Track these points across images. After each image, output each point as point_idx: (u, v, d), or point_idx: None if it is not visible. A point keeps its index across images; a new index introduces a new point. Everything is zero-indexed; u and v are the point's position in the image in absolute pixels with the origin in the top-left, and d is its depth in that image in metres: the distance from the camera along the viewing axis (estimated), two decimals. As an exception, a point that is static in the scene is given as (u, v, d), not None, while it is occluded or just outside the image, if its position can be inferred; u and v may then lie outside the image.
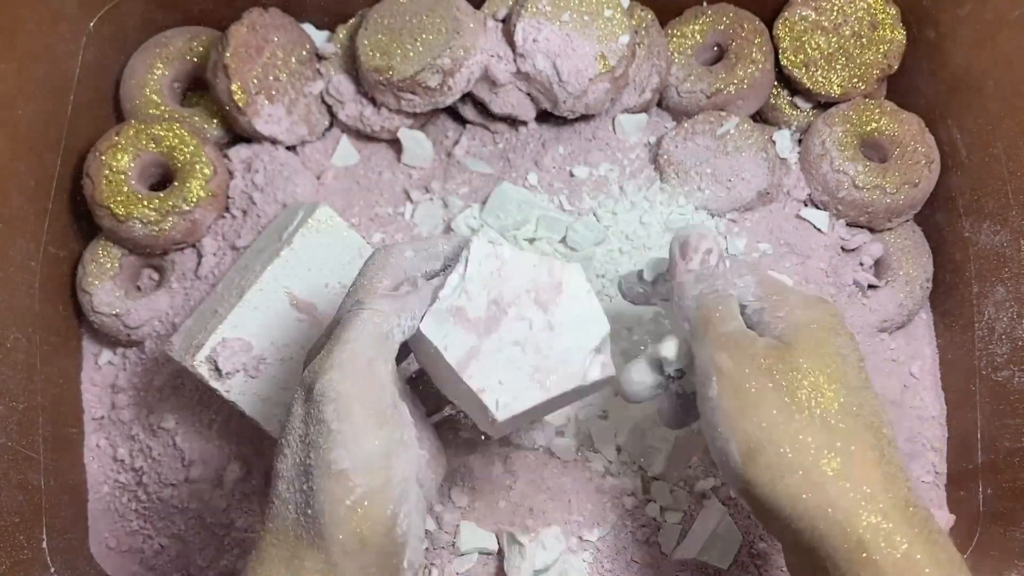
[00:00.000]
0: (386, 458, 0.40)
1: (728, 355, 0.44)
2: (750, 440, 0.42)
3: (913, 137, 0.67)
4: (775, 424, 0.42)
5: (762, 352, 0.44)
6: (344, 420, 0.39)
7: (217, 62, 0.64)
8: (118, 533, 0.65)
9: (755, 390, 0.43)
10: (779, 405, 0.42)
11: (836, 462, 0.41)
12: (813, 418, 0.42)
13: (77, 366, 0.67)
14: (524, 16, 0.63)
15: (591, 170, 0.66)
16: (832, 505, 0.40)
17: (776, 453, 0.41)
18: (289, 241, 0.58)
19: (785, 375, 0.43)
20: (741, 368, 0.43)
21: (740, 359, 0.44)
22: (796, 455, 0.41)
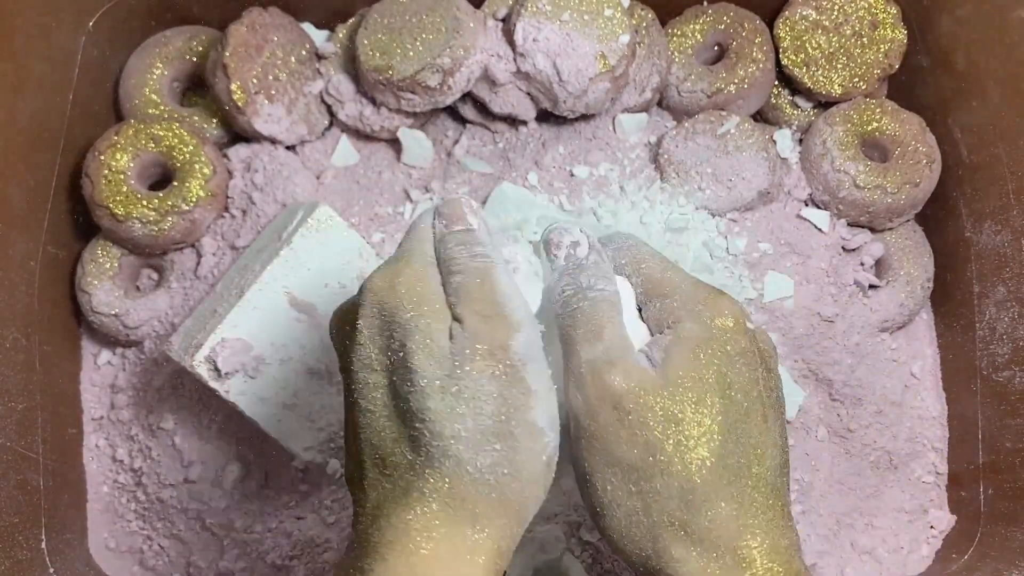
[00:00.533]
0: (557, 415, 0.39)
1: (581, 395, 0.39)
2: (596, 501, 0.39)
3: (914, 137, 0.67)
4: (622, 489, 0.39)
5: (621, 393, 0.38)
6: (540, 380, 0.38)
7: (217, 62, 0.64)
8: (117, 533, 0.65)
9: (610, 445, 0.38)
10: (631, 464, 0.38)
11: (685, 534, 0.38)
12: (670, 479, 0.38)
13: (76, 366, 0.67)
14: (524, 15, 0.62)
15: (591, 170, 0.66)
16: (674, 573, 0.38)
17: (624, 517, 0.39)
18: (288, 241, 0.58)
19: (645, 425, 0.38)
20: (594, 415, 0.39)
21: (595, 401, 0.39)
22: (643, 523, 0.39)
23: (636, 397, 0.38)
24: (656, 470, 0.38)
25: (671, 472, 0.38)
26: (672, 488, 0.38)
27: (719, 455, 0.38)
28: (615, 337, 0.40)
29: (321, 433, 0.60)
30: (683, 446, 0.38)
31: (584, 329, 0.40)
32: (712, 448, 0.38)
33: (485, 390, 0.37)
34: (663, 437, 0.38)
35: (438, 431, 0.37)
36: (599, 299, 0.41)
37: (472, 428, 0.37)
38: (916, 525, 0.67)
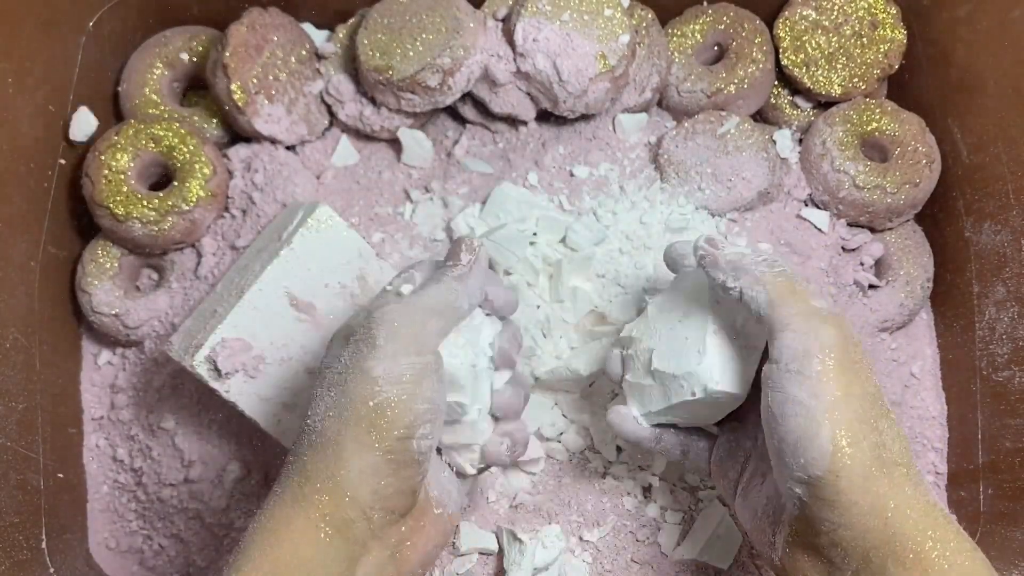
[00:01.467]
0: (416, 380, 0.43)
1: (837, 330, 0.43)
2: (850, 428, 0.42)
3: (914, 137, 0.67)
4: (877, 416, 0.42)
5: (855, 335, 0.44)
6: (390, 340, 0.43)
7: (217, 62, 0.64)
8: (117, 533, 0.65)
9: (856, 371, 0.43)
10: (875, 386, 0.43)
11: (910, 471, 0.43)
12: (883, 407, 0.43)
13: (77, 366, 0.67)
14: (524, 16, 0.63)
15: (591, 170, 0.66)
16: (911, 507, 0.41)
17: (875, 445, 0.42)
18: (289, 241, 0.58)
19: (868, 361, 0.44)
20: (847, 345, 0.43)
21: (848, 335, 0.43)
22: (892, 445, 0.42)
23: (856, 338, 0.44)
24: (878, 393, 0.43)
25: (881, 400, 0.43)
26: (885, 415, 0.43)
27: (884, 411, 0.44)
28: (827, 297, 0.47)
29: (321, 433, 0.60)
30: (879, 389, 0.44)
31: (802, 286, 0.45)
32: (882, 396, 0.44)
33: (346, 351, 0.44)
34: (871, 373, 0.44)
35: (311, 396, 0.44)
36: (788, 271, 0.47)
37: (327, 382, 0.44)
38: (916, 525, 0.67)
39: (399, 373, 0.43)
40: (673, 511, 0.60)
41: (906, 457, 0.43)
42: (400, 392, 0.43)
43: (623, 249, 0.64)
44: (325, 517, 0.42)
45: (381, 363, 0.43)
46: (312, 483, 0.42)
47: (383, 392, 0.42)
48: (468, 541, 0.59)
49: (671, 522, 0.60)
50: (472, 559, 0.60)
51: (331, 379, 0.44)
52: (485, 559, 0.60)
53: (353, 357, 0.43)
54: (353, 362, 0.43)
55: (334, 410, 0.43)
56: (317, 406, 0.44)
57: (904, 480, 0.42)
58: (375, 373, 0.42)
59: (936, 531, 0.41)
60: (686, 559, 0.60)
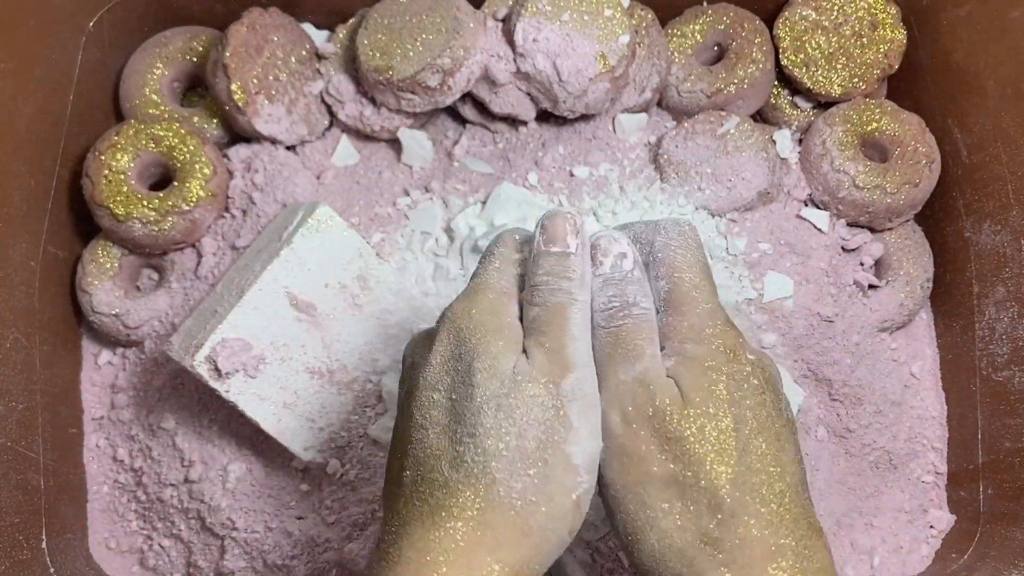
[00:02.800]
0: (597, 462, 0.40)
1: (619, 415, 0.40)
2: (629, 525, 0.40)
3: (914, 137, 0.67)
4: (655, 508, 0.39)
5: (657, 410, 0.40)
6: (584, 420, 0.39)
7: (217, 62, 0.64)
8: (118, 533, 0.65)
9: (644, 464, 0.40)
10: (666, 479, 0.39)
11: (721, 547, 0.39)
12: (699, 494, 0.39)
13: (77, 366, 0.67)
14: (524, 16, 0.63)
15: (591, 170, 0.66)
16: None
17: (658, 540, 0.39)
18: (289, 241, 0.58)
19: (678, 442, 0.39)
20: (631, 433, 0.40)
21: (635, 424, 0.40)
22: (676, 545, 0.39)
23: (671, 414, 0.39)
24: (687, 484, 0.39)
25: (700, 487, 0.39)
26: (702, 504, 0.39)
27: (738, 471, 0.39)
28: (654, 358, 0.41)
29: (321, 433, 0.60)
30: (708, 460, 0.39)
31: (624, 349, 0.41)
32: (731, 463, 0.39)
33: (533, 415, 0.39)
34: (692, 451, 0.39)
35: (483, 447, 0.39)
36: (641, 319, 0.42)
37: (514, 448, 0.39)
38: (916, 525, 0.67)
39: (592, 459, 0.39)
40: None
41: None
42: (592, 481, 0.40)
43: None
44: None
45: (579, 448, 0.39)
46: (501, 566, 0.38)
47: (583, 484, 0.39)
48: None
49: None
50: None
51: (522, 446, 0.38)
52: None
53: (545, 431, 0.39)
54: (549, 440, 0.39)
55: (535, 495, 0.38)
56: (510, 481, 0.38)
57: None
58: (575, 461, 0.39)
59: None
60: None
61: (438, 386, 0.41)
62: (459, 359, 0.40)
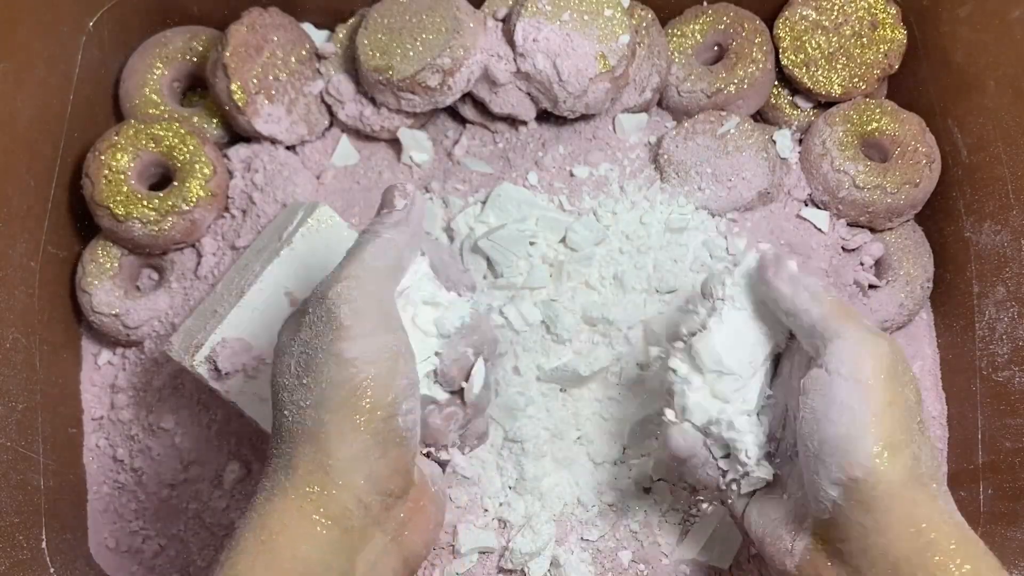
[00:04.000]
0: (392, 356, 0.42)
1: (890, 345, 0.44)
2: (892, 436, 0.42)
3: (914, 137, 0.67)
4: (918, 431, 0.43)
5: (904, 354, 0.45)
6: (357, 318, 0.42)
7: (217, 62, 0.64)
8: (118, 533, 0.65)
9: (904, 384, 0.43)
10: (918, 412, 0.44)
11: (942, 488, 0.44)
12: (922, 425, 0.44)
13: (77, 366, 0.67)
14: (524, 16, 0.63)
15: (591, 170, 0.66)
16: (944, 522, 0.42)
17: (914, 456, 0.42)
18: (289, 241, 0.58)
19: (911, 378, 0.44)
20: (896, 359, 0.44)
21: (898, 351, 0.44)
22: (928, 462, 0.43)
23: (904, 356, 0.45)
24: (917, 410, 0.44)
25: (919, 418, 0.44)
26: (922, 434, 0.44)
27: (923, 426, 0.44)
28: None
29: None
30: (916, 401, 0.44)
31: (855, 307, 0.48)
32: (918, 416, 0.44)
33: (304, 333, 0.42)
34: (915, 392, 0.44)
35: (276, 386, 0.43)
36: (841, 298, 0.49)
37: (292, 372, 0.42)
38: (916, 525, 0.67)
39: (375, 351, 0.41)
40: (673, 511, 0.60)
41: (938, 475, 0.44)
42: (378, 371, 0.41)
43: (623, 249, 0.64)
44: (319, 510, 0.41)
45: (355, 344, 0.41)
46: (301, 476, 0.41)
47: (361, 373, 0.41)
48: (467, 541, 0.59)
49: (671, 522, 0.60)
50: (472, 559, 0.60)
51: (298, 367, 0.42)
52: (484, 559, 0.60)
53: (319, 340, 0.42)
54: (322, 346, 0.41)
55: (311, 398, 0.41)
56: (291, 397, 0.42)
57: (937, 495, 0.43)
58: (349, 355, 0.41)
59: (968, 549, 0.42)
60: (686, 559, 0.60)
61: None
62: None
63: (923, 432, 0.44)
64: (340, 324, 0.41)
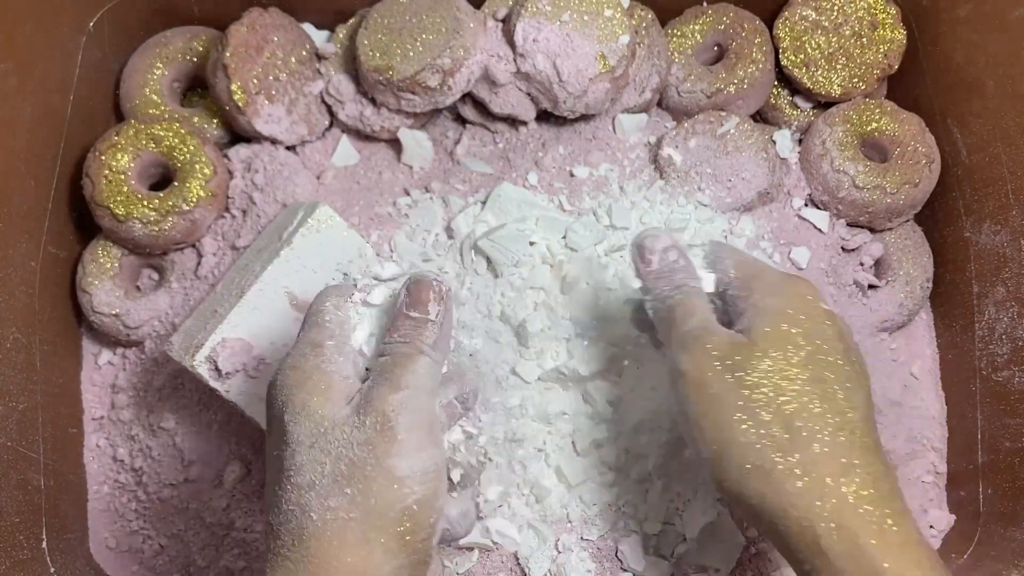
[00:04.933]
0: (437, 474, 0.42)
1: (687, 356, 0.45)
2: (714, 442, 0.43)
3: (913, 137, 0.67)
4: (735, 426, 0.43)
5: (721, 349, 0.44)
6: (412, 433, 0.41)
7: (217, 62, 0.64)
8: (118, 533, 0.65)
9: (715, 391, 0.43)
10: (740, 406, 0.43)
11: (794, 460, 0.42)
12: (774, 417, 0.42)
13: (77, 366, 0.67)
14: (524, 16, 0.63)
15: (591, 170, 0.66)
16: (791, 504, 0.41)
17: (739, 455, 0.42)
18: (289, 241, 0.58)
19: (746, 372, 0.43)
20: (700, 368, 0.44)
21: (699, 358, 0.44)
22: (756, 457, 0.42)
23: (733, 351, 0.44)
24: (758, 407, 0.43)
25: (771, 411, 0.42)
26: (774, 427, 0.42)
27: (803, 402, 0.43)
28: (707, 313, 0.47)
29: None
30: (778, 390, 0.43)
31: (681, 311, 0.46)
32: (800, 393, 0.43)
33: (352, 436, 0.41)
34: (759, 382, 0.43)
35: (297, 482, 0.41)
36: (690, 291, 0.47)
37: (329, 475, 0.40)
38: (916, 525, 0.67)
39: (423, 470, 0.41)
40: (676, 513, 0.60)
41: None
42: (425, 493, 0.41)
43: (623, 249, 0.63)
44: None
45: (406, 460, 0.41)
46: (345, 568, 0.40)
47: (412, 495, 0.41)
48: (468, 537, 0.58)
49: (672, 523, 0.60)
50: (472, 558, 0.60)
51: (338, 471, 0.40)
52: (485, 558, 0.60)
53: (371, 450, 0.40)
54: (371, 458, 0.40)
55: (354, 511, 0.40)
56: (325, 502, 0.40)
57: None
58: (400, 472, 0.40)
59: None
60: (687, 561, 0.60)
61: (271, 448, 0.44)
62: (279, 419, 0.43)
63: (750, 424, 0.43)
64: (395, 437, 0.41)
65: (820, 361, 0.44)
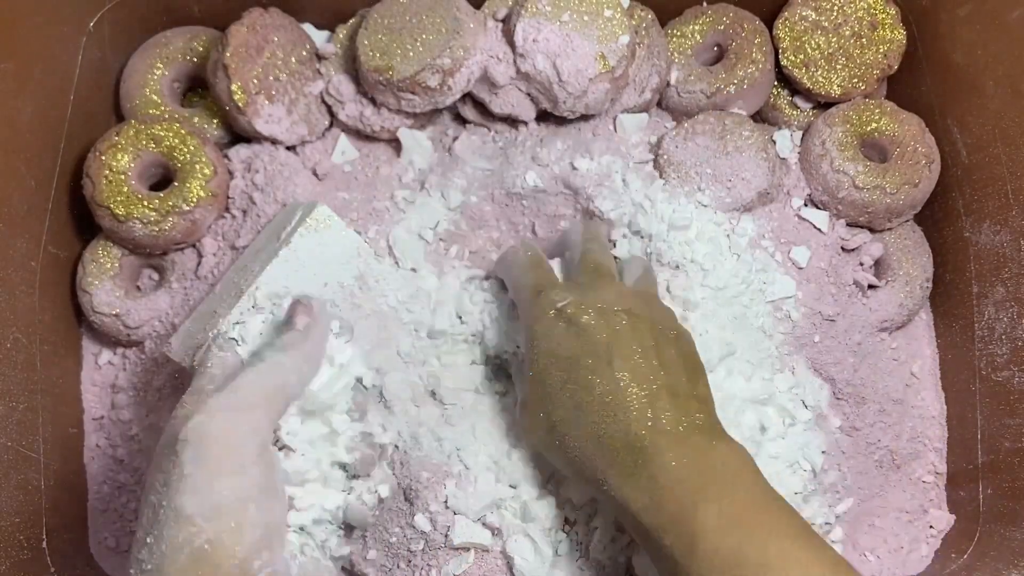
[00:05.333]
0: (241, 504, 0.38)
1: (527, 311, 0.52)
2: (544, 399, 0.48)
3: (913, 137, 0.67)
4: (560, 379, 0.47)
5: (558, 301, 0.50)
6: (199, 465, 0.38)
7: (217, 62, 0.64)
8: (118, 533, 0.65)
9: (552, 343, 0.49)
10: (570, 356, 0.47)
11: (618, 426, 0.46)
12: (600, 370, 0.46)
13: (77, 366, 0.67)
14: (524, 16, 0.63)
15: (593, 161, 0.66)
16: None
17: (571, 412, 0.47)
18: (287, 241, 0.58)
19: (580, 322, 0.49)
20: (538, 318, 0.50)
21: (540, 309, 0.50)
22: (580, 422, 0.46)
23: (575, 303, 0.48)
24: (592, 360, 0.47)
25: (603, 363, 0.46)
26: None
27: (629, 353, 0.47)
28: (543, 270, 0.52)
29: (321, 433, 0.60)
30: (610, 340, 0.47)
31: (517, 271, 0.52)
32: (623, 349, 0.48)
33: (154, 476, 0.39)
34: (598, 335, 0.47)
35: (135, 538, 0.39)
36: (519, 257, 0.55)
37: (143, 524, 0.38)
38: (916, 525, 0.67)
39: (215, 505, 0.37)
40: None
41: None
42: (219, 529, 0.37)
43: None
44: None
45: (192, 497, 0.37)
46: None
47: (201, 535, 0.37)
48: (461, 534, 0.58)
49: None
50: (468, 559, 0.60)
51: (148, 519, 0.38)
52: (481, 559, 0.60)
53: (165, 490, 0.37)
54: (163, 499, 0.37)
55: (152, 560, 0.37)
56: (139, 554, 0.38)
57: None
58: (187, 511, 0.37)
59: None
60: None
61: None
62: None
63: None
64: (181, 473, 0.37)
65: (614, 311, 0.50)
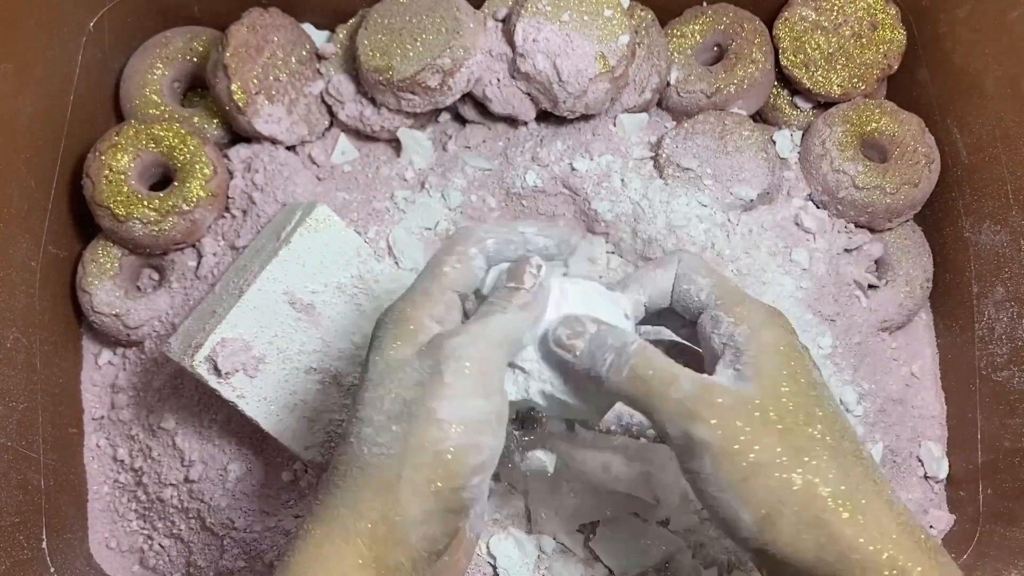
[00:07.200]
0: (481, 425, 0.41)
1: (707, 427, 0.40)
2: (763, 506, 0.40)
3: (913, 137, 0.67)
4: (783, 484, 0.40)
5: (740, 406, 0.41)
6: (459, 378, 0.41)
7: (217, 62, 0.64)
8: (118, 533, 0.65)
9: (754, 454, 0.40)
10: (780, 461, 0.40)
11: (846, 504, 0.40)
12: (817, 462, 0.40)
13: (77, 366, 0.67)
14: (524, 16, 0.63)
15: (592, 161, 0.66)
16: (854, 549, 0.39)
17: (792, 513, 0.39)
18: (287, 241, 0.58)
19: (776, 421, 0.40)
20: (730, 435, 0.40)
21: (725, 424, 0.40)
22: (809, 510, 0.40)
23: (751, 406, 0.41)
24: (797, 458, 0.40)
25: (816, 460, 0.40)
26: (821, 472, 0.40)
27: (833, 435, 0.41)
28: (675, 367, 0.42)
29: (321, 433, 0.60)
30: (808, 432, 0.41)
31: (657, 378, 0.42)
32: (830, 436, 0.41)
33: (407, 378, 0.42)
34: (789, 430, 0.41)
35: (360, 416, 0.42)
36: (640, 348, 0.43)
37: (386, 411, 0.41)
38: (916, 525, 0.67)
39: (464, 417, 0.41)
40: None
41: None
42: (462, 442, 0.41)
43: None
44: (376, 558, 0.40)
45: (448, 403, 0.40)
46: (365, 522, 0.41)
47: (448, 440, 0.40)
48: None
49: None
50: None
51: (392, 409, 0.41)
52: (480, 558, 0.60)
53: (421, 391, 0.41)
54: (418, 397, 0.41)
55: (395, 448, 0.41)
56: (377, 437, 0.41)
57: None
58: (441, 415, 0.40)
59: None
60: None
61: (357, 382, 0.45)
62: (366, 357, 0.44)
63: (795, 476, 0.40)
64: (442, 381, 0.41)
65: (824, 398, 0.42)
